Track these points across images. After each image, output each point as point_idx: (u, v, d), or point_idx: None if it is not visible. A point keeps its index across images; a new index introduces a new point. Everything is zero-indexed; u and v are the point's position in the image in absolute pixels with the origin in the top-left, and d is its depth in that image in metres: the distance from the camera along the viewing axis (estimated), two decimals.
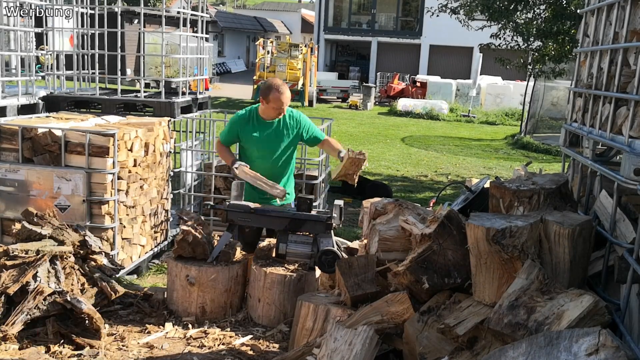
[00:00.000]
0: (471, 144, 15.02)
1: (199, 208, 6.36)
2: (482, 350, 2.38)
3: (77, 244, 3.81)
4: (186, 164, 5.83)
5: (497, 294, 2.50)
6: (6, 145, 4.41)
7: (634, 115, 2.55)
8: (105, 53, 6.31)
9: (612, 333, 1.86)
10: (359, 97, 22.65)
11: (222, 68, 33.56)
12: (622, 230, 2.64)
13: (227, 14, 40.63)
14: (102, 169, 4.34)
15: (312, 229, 3.83)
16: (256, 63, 21.52)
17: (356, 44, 35.86)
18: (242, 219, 3.92)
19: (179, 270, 3.85)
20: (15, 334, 3.21)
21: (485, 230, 2.46)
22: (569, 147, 3.58)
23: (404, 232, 3.18)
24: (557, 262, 2.52)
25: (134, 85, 16.59)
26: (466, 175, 10.38)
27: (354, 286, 3.12)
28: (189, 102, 6.55)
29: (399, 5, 33.10)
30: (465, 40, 20.59)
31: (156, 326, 3.73)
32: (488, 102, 23.19)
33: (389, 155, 12.35)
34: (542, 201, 2.78)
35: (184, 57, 6.61)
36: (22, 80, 5.92)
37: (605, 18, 3.11)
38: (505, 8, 9.44)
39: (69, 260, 3.64)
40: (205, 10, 6.71)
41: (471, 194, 3.62)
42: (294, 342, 3.30)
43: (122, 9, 6.38)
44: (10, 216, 4.44)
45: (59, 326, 3.35)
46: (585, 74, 3.41)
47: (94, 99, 6.44)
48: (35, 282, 3.35)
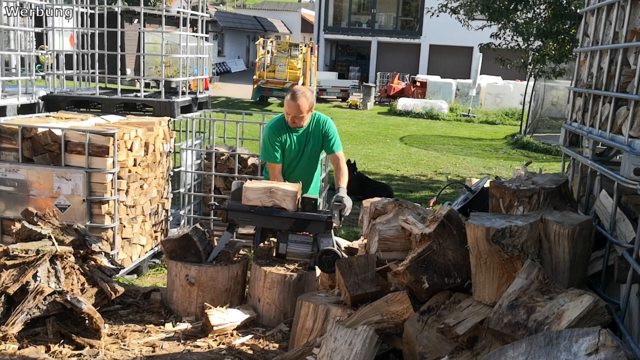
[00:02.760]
0: (471, 144, 15.02)
1: (199, 208, 6.36)
2: (482, 350, 2.38)
3: (77, 244, 3.81)
4: (186, 163, 5.84)
5: (497, 294, 2.50)
6: (6, 145, 4.41)
7: (633, 115, 2.55)
8: (105, 53, 6.31)
9: (612, 333, 1.86)
10: (359, 97, 22.66)
11: (222, 68, 33.56)
12: (622, 230, 2.64)
13: (227, 13, 40.62)
14: (102, 168, 4.34)
15: (312, 228, 3.83)
16: (256, 63, 21.51)
17: (356, 44, 35.86)
18: (242, 219, 3.92)
19: (179, 270, 3.85)
20: (15, 333, 3.21)
21: (485, 230, 2.46)
22: (569, 147, 3.58)
23: (404, 232, 3.18)
24: (557, 262, 2.52)
25: (134, 85, 16.59)
26: (466, 175, 10.38)
27: (354, 286, 3.12)
28: (188, 101, 6.56)
29: (399, 5, 33.11)
30: (465, 40, 20.64)
31: (156, 326, 3.73)
32: (488, 101, 23.20)
33: (389, 155, 12.35)
34: (542, 201, 2.78)
35: (184, 56, 6.61)
36: (22, 80, 5.92)
37: (605, 18, 3.11)
38: (505, 8, 9.44)
39: (69, 260, 3.64)
40: (205, 10, 6.71)
41: (471, 194, 3.62)
42: (294, 342, 3.30)
43: (122, 8, 6.38)
44: (10, 216, 4.44)
45: (59, 326, 3.35)
46: (585, 74, 3.41)
47: (94, 98, 6.44)
48: (35, 282, 3.35)
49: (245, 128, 7.22)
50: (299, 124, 4.15)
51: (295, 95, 4.04)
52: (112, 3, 9.61)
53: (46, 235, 3.68)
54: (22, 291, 3.34)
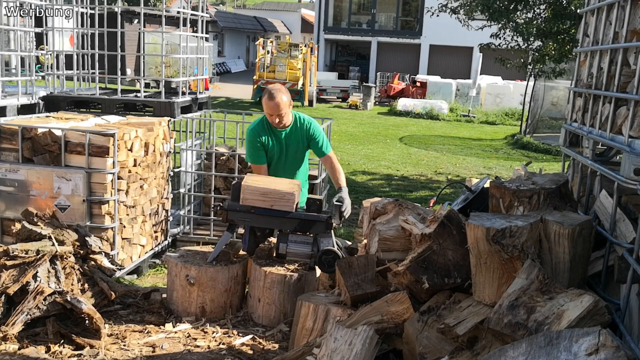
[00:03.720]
0: (471, 144, 15.02)
1: (199, 208, 6.36)
2: (482, 350, 2.38)
3: (77, 244, 3.81)
4: (186, 164, 5.84)
5: (497, 294, 2.50)
6: (6, 145, 4.41)
7: (634, 115, 2.55)
8: (105, 53, 6.31)
9: (612, 333, 1.86)
10: (359, 97, 22.65)
11: (222, 68, 33.56)
12: (622, 230, 2.64)
13: (227, 13, 40.63)
14: (102, 168, 4.34)
15: (312, 229, 3.83)
16: (256, 63, 21.51)
17: (356, 44, 35.86)
18: (242, 219, 3.91)
19: (179, 270, 3.85)
20: (15, 334, 3.21)
21: (485, 230, 2.46)
22: (569, 147, 3.58)
23: (404, 232, 3.18)
24: (557, 262, 2.52)
25: (134, 85, 16.59)
26: (466, 175, 10.38)
27: (354, 286, 3.12)
28: (188, 102, 6.56)
29: (399, 5, 33.11)
30: (465, 40, 20.64)
31: (156, 326, 3.73)
32: (488, 102, 23.20)
33: (389, 155, 12.35)
34: (542, 201, 2.78)
35: (184, 57, 6.61)
36: (22, 80, 5.92)
37: (605, 18, 3.11)
38: (505, 8, 9.45)
39: (69, 260, 3.64)
40: (205, 10, 6.71)
41: (471, 194, 3.62)
42: (294, 342, 3.30)
43: (122, 9, 6.38)
44: (10, 216, 4.44)
45: (59, 326, 3.35)
46: (585, 74, 3.41)
47: (94, 99, 6.44)
48: (35, 282, 3.35)
49: (245, 128, 7.20)
50: (284, 122, 4.07)
51: (272, 94, 3.96)
52: (112, 3, 9.61)
53: (46, 235, 3.68)
54: (22, 291, 3.34)
